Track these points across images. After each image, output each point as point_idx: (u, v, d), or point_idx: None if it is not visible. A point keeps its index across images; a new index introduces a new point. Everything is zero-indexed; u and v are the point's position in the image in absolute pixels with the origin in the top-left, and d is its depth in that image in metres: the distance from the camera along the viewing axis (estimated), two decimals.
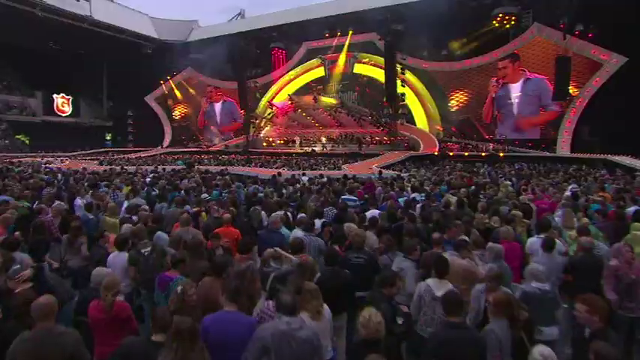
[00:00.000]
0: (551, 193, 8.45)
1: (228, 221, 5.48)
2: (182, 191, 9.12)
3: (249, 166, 17.47)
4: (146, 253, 4.36)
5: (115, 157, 27.25)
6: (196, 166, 15.64)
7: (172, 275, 3.65)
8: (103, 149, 38.56)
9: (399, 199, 8.09)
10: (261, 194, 8.32)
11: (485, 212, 6.68)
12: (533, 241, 4.83)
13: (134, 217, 6.39)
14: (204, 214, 6.63)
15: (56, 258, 5.18)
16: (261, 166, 17.55)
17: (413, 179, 11.89)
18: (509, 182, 11.13)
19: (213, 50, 35.32)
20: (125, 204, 7.57)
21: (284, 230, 5.60)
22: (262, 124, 33.75)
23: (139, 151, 34.88)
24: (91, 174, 12.38)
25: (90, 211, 6.45)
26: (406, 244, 4.49)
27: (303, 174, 12.20)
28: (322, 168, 17.31)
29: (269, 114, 32.73)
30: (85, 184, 10.42)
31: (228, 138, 38.86)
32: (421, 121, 31.81)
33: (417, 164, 20.79)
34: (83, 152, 35.68)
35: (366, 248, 4.62)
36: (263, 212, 6.72)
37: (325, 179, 11.68)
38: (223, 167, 16.05)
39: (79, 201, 7.66)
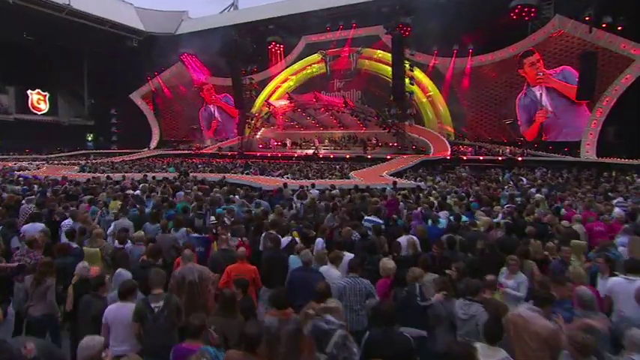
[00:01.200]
0: (601, 211, 7.90)
1: (244, 256, 4.88)
2: (177, 206, 8.53)
3: (248, 173, 16.86)
4: (157, 309, 3.62)
5: (98, 160, 26.51)
6: (190, 175, 14.97)
7: (192, 347, 2.96)
8: (83, 151, 37.73)
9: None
10: (272, 215, 7.74)
11: (535, 238, 6.17)
12: (618, 283, 4.17)
13: (129, 245, 5.80)
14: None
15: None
16: (261, 173, 16.94)
17: (434, 191, 11.37)
18: (541, 195, 10.63)
19: (205, 44, 34.75)
20: (112, 227, 6.96)
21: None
22: (258, 125, 33.12)
23: (124, 153, 34.15)
24: (71, 184, 11.70)
25: (73, 239, 5.81)
26: (470, 285, 3.92)
27: (312, 185, 11.59)
28: (328, 175, 16.74)
29: (266, 114, 32.13)
30: (62, 195, 9.82)
31: (221, 139, 38.24)
32: (430, 122, 31.38)
33: (429, 170, 20.31)
34: (61, 154, 34.86)
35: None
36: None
37: (337, 191, 11.13)
38: (221, 175, 15.42)
39: (66, 222, 7.03)
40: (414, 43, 29.44)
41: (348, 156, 26.67)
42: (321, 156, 26.93)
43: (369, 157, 26.05)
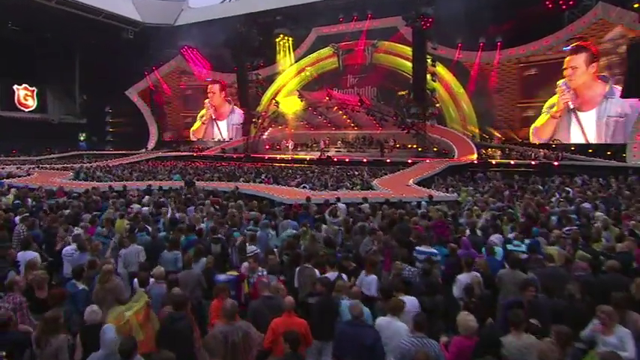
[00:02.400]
0: None
1: (292, 307, 4.32)
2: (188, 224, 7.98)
3: (260, 181, 16.35)
4: None
5: (92, 163, 26.08)
6: (196, 184, 14.46)
7: None
8: (75, 152, 37.38)
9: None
10: (304, 240, 7.20)
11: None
12: None
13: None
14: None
15: None
16: (274, 182, 16.40)
17: (475, 207, 10.75)
18: (601, 213, 10.01)
19: (207, 36, 34.43)
20: (121, 258, 6.44)
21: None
22: (265, 125, 32.65)
23: (120, 155, 33.82)
24: (70, 198, 11.22)
25: (80, 277, 5.27)
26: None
27: (338, 199, 11.04)
28: (347, 183, 16.19)
29: (273, 112, 31.64)
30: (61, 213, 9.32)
31: (225, 140, 37.97)
32: (453, 122, 30.79)
33: (457, 177, 19.71)
34: (52, 156, 34.54)
35: None
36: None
37: (367, 206, 10.58)
38: (231, 183, 14.92)
39: (69, 249, 6.51)
40: (436, 35, 28.79)
41: (365, 160, 26.11)
42: (335, 160, 26.32)
43: (388, 161, 25.48)
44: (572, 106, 25.93)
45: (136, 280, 5.52)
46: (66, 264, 6.39)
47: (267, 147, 34.36)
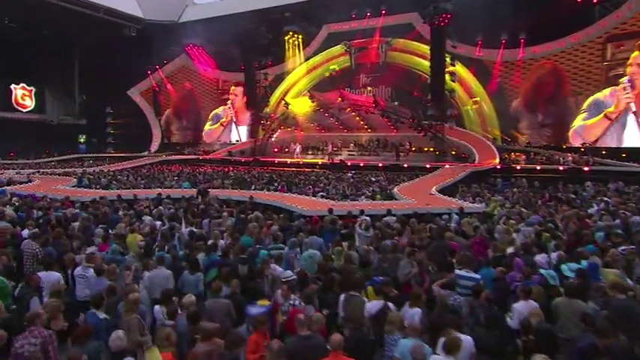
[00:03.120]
0: None
1: (339, 346, 4.03)
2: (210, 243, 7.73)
3: (274, 188, 16.09)
4: None
5: (94, 168, 25.99)
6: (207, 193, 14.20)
7: None
8: (75, 155, 37.41)
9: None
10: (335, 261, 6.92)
11: None
12: None
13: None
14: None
15: None
16: (289, 189, 16.13)
17: (510, 220, 10.40)
18: None
19: (212, 33, 34.28)
20: (144, 282, 6.17)
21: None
22: (274, 127, 32.45)
23: (122, 158, 33.76)
24: (77, 209, 11.02)
25: (100, 306, 5.01)
26: None
27: (362, 212, 10.75)
28: (367, 192, 15.86)
29: (282, 114, 31.45)
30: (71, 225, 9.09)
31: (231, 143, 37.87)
32: (473, 124, 30.43)
33: (481, 183, 19.37)
34: (51, 159, 34.55)
35: None
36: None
37: (394, 219, 10.28)
38: (246, 192, 14.68)
39: (82, 270, 6.25)
40: (455, 32, 28.49)
41: (380, 164, 25.79)
42: (349, 164, 26.02)
43: (405, 166, 25.14)
44: (634, 108, 24.83)
45: (158, 308, 5.26)
46: (79, 286, 6.15)
47: (276, 150, 34.17)
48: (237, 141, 38.26)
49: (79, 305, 5.69)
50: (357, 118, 31.55)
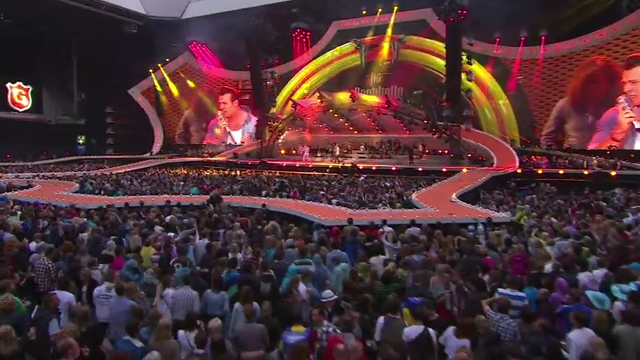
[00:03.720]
0: None
1: None
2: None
3: (286, 196, 15.92)
4: None
5: (96, 172, 25.93)
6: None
7: None
8: (75, 157, 37.43)
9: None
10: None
11: None
12: None
13: None
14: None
15: None
16: (302, 196, 15.94)
17: (544, 233, 10.13)
18: None
19: (217, 30, 34.32)
20: (168, 302, 6.00)
21: None
22: (281, 128, 32.36)
23: (123, 160, 33.75)
24: (84, 217, 10.88)
25: (135, 333, 4.80)
26: None
27: (384, 222, 10.57)
28: (381, 197, 15.69)
29: (290, 115, 31.34)
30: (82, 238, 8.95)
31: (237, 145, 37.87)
32: (489, 125, 30.23)
33: (503, 190, 19.15)
34: (50, 161, 34.57)
35: None
36: None
37: (419, 230, 10.09)
38: (258, 199, 14.53)
39: (103, 290, 6.07)
40: (471, 28, 28.27)
41: (394, 168, 25.60)
42: (361, 168, 25.85)
43: (421, 170, 24.95)
44: (637, 125, 24.99)
45: (182, 333, 5.07)
46: (99, 307, 5.99)
47: (283, 152, 34.08)
48: (242, 143, 38.18)
49: (99, 328, 5.52)
50: (369, 119, 31.41)
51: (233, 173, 25.19)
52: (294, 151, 33.49)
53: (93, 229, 9.41)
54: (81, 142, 43.26)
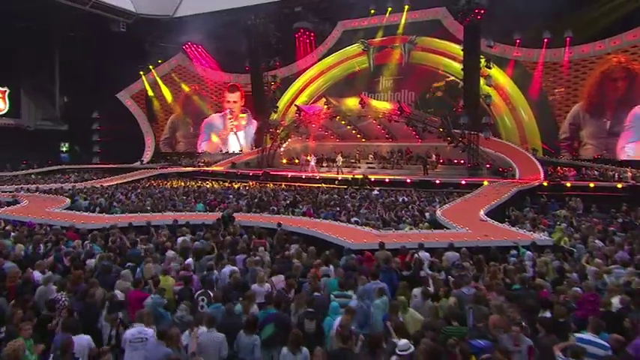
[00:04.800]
0: None
1: None
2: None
3: (302, 213, 15.63)
4: None
5: (84, 184, 25.53)
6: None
7: None
8: (57, 167, 37.00)
9: None
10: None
11: None
12: None
13: None
14: None
15: None
16: (317, 214, 15.66)
17: (597, 260, 9.86)
18: None
19: (213, 30, 34.21)
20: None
21: None
22: (283, 135, 32.19)
23: (111, 169, 33.36)
24: (88, 240, 10.56)
25: None
26: None
27: (421, 246, 10.26)
28: (408, 218, 15.42)
29: (293, 122, 31.20)
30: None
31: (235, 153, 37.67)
32: (509, 133, 30.23)
33: (534, 206, 18.97)
34: (31, 172, 34.11)
35: None
36: None
37: (457, 257, 9.83)
38: (271, 216, 14.27)
39: (135, 332, 5.75)
40: (488, 28, 28.26)
41: (408, 180, 25.40)
42: (372, 180, 25.64)
43: (438, 182, 24.77)
44: None
45: None
46: (130, 352, 5.61)
47: (284, 161, 33.89)
48: (241, 151, 37.97)
49: None
50: (378, 126, 31.29)
51: (236, 186, 24.85)
52: (296, 161, 33.30)
53: (101, 255, 9.11)
54: (64, 149, 42.83)
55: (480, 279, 8.38)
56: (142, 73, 40.19)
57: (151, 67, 40.00)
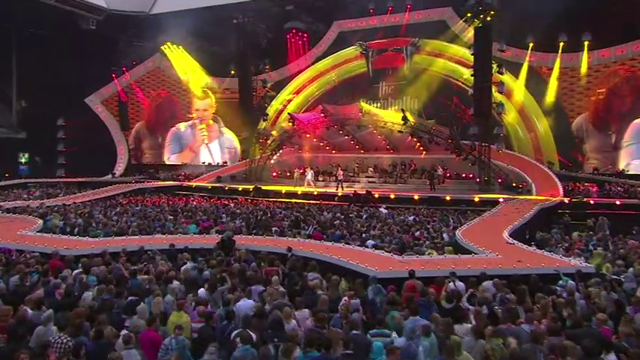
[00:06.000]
0: None
1: None
2: None
3: (308, 236, 15.41)
4: None
5: (51, 200, 24.91)
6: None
7: None
8: (17, 180, 36.17)
9: None
10: None
11: None
12: None
13: None
14: None
15: None
16: (325, 235, 15.49)
17: None
18: None
19: (195, 29, 34.11)
20: None
21: None
22: (274, 146, 32.09)
23: (79, 183, 32.78)
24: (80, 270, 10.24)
25: None
26: None
27: (454, 275, 10.13)
28: (428, 241, 15.30)
29: (285, 131, 31.14)
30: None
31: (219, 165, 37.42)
32: (522, 145, 30.58)
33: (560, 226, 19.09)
34: None
35: None
36: None
37: (492, 286, 9.72)
38: (281, 240, 14.07)
39: None
40: (502, 32, 28.68)
41: (416, 196, 25.42)
42: (376, 196, 25.60)
43: (448, 198, 24.83)
44: None
45: None
46: None
47: (274, 174, 33.73)
48: (225, 163, 37.75)
49: None
50: (379, 136, 31.35)
51: (224, 202, 24.54)
52: (288, 174, 33.13)
53: (99, 288, 8.81)
54: (23, 161, 42.02)
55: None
56: (114, 75, 39.96)
57: (124, 68, 39.83)
